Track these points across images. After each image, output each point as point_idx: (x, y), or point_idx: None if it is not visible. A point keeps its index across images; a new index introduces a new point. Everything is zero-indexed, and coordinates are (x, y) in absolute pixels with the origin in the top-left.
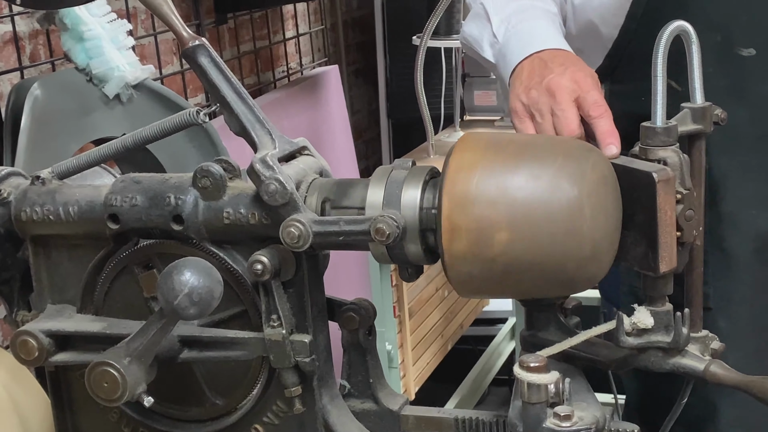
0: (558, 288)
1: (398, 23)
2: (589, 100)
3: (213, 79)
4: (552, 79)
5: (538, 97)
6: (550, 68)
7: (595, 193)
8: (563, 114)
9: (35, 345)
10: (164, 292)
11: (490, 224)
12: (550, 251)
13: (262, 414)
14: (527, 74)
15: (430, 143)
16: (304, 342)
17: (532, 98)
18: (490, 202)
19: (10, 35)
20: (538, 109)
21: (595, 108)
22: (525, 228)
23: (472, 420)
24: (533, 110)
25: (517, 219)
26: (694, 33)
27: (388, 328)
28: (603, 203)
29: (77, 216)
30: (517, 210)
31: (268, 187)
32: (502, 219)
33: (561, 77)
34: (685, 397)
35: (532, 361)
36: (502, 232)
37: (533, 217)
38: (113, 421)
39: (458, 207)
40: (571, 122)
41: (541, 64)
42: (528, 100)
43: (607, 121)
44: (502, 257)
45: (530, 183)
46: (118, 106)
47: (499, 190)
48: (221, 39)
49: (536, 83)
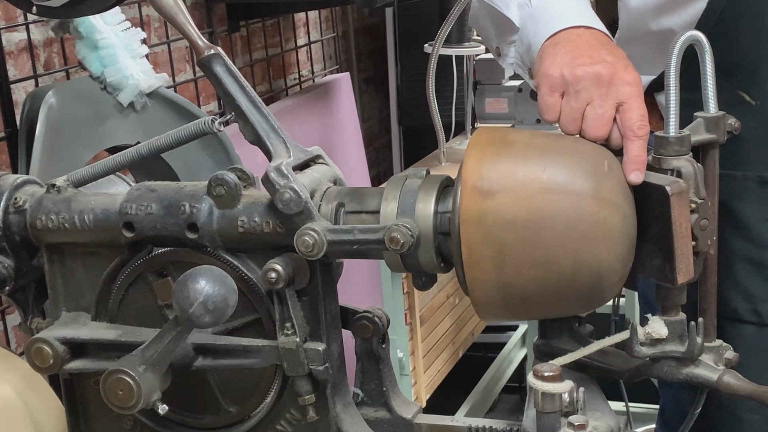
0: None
1: (409, 31)
2: (635, 113)
3: (228, 88)
4: (602, 67)
5: (583, 80)
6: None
7: (611, 205)
8: (601, 110)
9: (50, 352)
10: (179, 301)
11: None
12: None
13: (275, 422)
14: (575, 47)
15: (441, 150)
16: (318, 350)
17: (577, 76)
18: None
19: (25, 43)
20: (577, 92)
21: (640, 126)
22: (542, 239)
23: (485, 428)
24: (571, 89)
25: (533, 229)
26: (707, 43)
27: (399, 336)
28: (619, 211)
29: (92, 224)
30: (534, 221)
31: (283, 195)
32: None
33: (624, 72)
34: (698, 407)
35: (547, 370)
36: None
37: (551, 228)
38: (127, 428)
39: (475, 212)
40: (606, 125)
41: (593, 41)
42: (571, 76)
43: (644, 144)
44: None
45: (554, 207)
46: (132, 114)
47: (517, 195)
48: (233, 47)
49: (588, 62)
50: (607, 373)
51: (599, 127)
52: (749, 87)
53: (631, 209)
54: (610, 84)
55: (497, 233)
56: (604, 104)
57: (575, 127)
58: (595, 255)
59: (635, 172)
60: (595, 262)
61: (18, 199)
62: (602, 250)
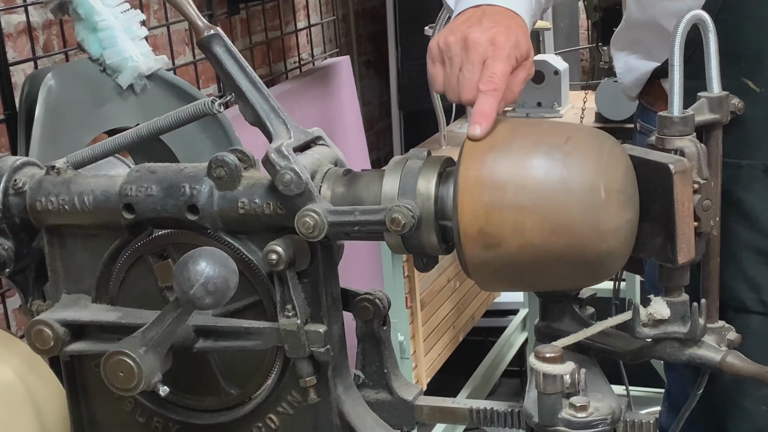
0: (572, 269)
1: (409, 14)
2: (488, 70)
3: (228, 68)
4: (472, 32)
5: (453, 47)
6: (480, 22)
7: (612, 182)
8: (468, 74)
9: (50, 334)
10: (180, 282)
11: (506, 188)
12: (567, 219)
13: (276, 404)
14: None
15: (442, 134)
16: (319, 332)
17: (448, 46)
18: (506, 190)
19: (24, 25)
20: (450, 59)
21: (486, 81)
22: (542, 192)
23: (486, 410)
24: (445, 57)
25: (535, 183)
26: (711, 22)
27: (400, 319)
28: (621, 180)
29: (92, 206)
30: (536, 174)
31: (284, 176)
32: (520, 207)
33: (482, 34)
34: (701, 388)
35: (548, 351)
36: (519, 221)
37: (551, 182)
38: (128, 410)
39: (476, 171)
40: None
41: (477, 15)
42: (444, 46)
43: (489, 99)
44: (519, 246)
45: (550, 151)
46: (132, 97)
47: (518, 157)
48: (233, 29)
49: (458, 31)
50: (609, 355)
51: (467, 90)
52: (754, 74)
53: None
54: (475, 47)
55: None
56: (471, 68)
57: (455, 95)
58: (596, 227)
59: (475, 125)
60: (597, 235)
61: (18, 180)
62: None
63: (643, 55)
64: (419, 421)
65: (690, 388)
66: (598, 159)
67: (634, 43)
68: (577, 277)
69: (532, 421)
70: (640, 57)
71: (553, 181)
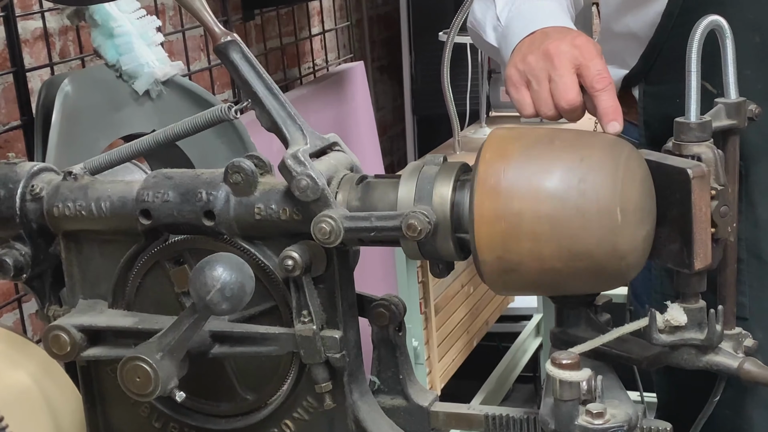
0: (591, 284)
1: (423, 19)
2: (592, 70)
3: (245, 75)
4: (551, 43)
5: (535, 63)
6: (548, 37)
7: (629, 202)
8: (561, 80)
9: (67, 340)
10: (197, 288)
11: (522, 218)
12: (584, 246)
13: (292, 409)
14: (527, 45)
15: (456, 139)
16: (335, 338)
17: (529, 64)
18: (522, 196)
19: (41, 31)
20: (535, 75)
21: (599, 80)
22: (559, 222)
23: (502, 417)
24: (530, 77)
25: (551, 212)
26: (729, 28)
27: (414, 325)
28: (637, 197)
29: (109, 212)
30: (551, 203)
31: (300, 182)
32: (536, 213)
33: (560, 42)
34: (717, 395)
35: (565, 358)
36: (536, 249)
37: (567, 210)
38: (144, 415)
39: (491, 201)
40: (570, 90)
41: (541, 36)
42: (524, 67)
43: (610, 95)
44: (538, 270)
45: (564, 177)
46: (148, 102)
47: (532, 184)
48: (248, 35)
49: (534, 49)
50: (626, 361)
51: (565, 96)
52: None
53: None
54: (559, 54)
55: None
56: (562, 72)
57: (549, 108)
58: (615, 249)
59: (612, 123)
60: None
61: (35, 186)
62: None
63: (618, 64)
64: (435, 427)
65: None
66: (613, 179)
67: (610, 54)
68: (596, 287)
69: (548, 428)
70: (616, 66)
71: (568, 210)
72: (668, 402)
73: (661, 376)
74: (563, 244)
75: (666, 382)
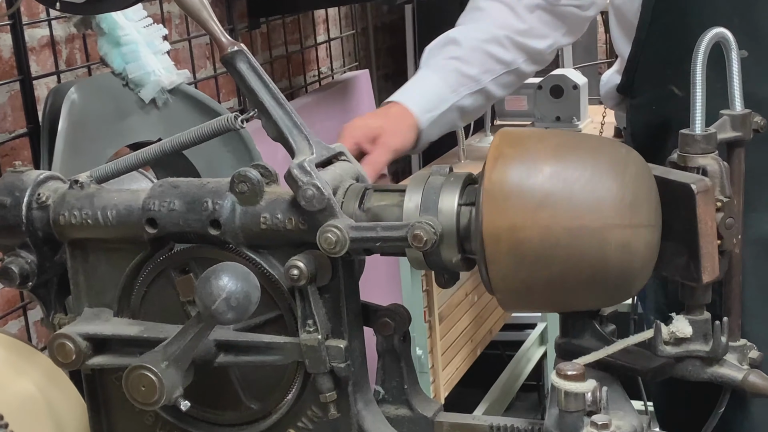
0: (601, 299)
1: (428, 28)
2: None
3: (251, 84)
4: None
5: None
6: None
7: (638, 218)
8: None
9: (72, 348)
10: (202, 297)
11: (529, 227)
12: (601, 288)
13: (296, 419)
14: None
15: (461, 148)
16: (340, 347)
17: None
18: (529, 205)
19: (47, 39)
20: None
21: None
22: (569, 238)
23: (506, 427)
24: None
25: (560, 228)
26: (734, 40)
27: (418, 333)
28: (646, 227)
29: (115, 220)
30: (561, 218)
31: (306, 192)
32: (544, 228)
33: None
34: (722, 407)
35: (570, 369)
36: (544, 243)
37: (577, 225)
38: (148, 424)
39: (499, 216)
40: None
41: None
42: None
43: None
44: (551, 299)
45: (571, 185)
46: (154, 111)
47: (540, 192)
48: (254, 43)
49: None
50: (631, 372)
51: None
52: (677, 80)
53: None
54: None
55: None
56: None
57: None
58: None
59: None
60: (628, 279)
61: (41, 194)
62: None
63: (618, 69)
64: None
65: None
66: (620, 197)
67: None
68: (605, 302)
69: None
70: (617, 72)
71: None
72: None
73: (657, 385)
74: (573, 262)
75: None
